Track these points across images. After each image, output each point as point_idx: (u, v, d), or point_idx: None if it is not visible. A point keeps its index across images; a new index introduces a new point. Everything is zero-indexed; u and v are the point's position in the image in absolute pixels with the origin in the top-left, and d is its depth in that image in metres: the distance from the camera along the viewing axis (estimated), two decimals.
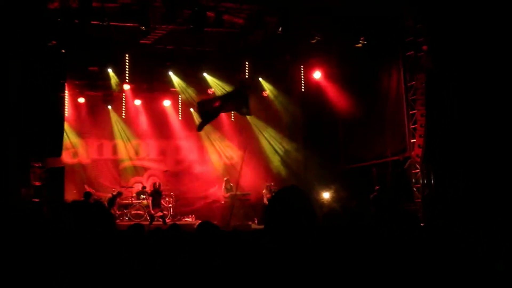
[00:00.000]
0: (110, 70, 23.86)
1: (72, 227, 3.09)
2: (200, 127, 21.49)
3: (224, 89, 24.98)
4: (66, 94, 22.98)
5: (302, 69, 25.44)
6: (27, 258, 3.36)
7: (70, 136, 25.12)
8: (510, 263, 4.52)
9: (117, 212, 23.45)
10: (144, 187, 24.99)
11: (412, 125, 20.75)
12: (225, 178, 25.28)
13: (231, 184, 25.04)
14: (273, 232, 3.43)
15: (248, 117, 26.82)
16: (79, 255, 3.05)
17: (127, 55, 23.47)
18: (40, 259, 3.20)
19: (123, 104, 26.10)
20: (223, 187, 25.04)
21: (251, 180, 25.65)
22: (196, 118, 25.86)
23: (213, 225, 5.86)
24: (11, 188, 18.01)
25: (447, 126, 18.37)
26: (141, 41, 22.31)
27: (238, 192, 23.73)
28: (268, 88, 26.27)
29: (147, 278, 4.58)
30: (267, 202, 22.12)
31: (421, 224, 6.40)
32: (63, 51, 20.19)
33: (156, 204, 22.81)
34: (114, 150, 26.80)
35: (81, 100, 25.30)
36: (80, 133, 25.94)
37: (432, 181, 19.60)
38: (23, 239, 3.73)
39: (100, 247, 3.09)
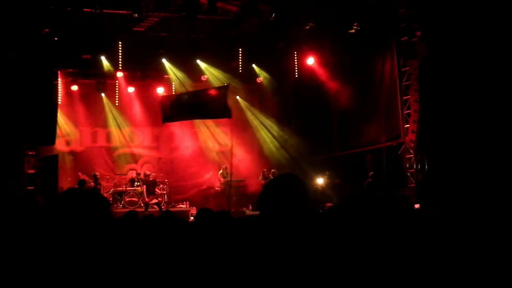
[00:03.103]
0: (103, 58, 23.79)
1: (68, 215, 3.09)
2: (165, 120, 21.10)
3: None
4: (59, 82, 22.94)
5: (295, 55, 25.41)
6: (22, 247, 3.37)
7: (63, 124, 25.09)
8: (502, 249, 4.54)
9: None
10: (138, 174, 24.98)
11: (406, 110, 20.79)
12: (224, 166, 25.35)
13: (228, 172, 25.11)
14: (268, 219, 3.44)
15: (242, 104, 26.89)
16: (74, 244, 3.05)
17: (120, 43, 23.40)
18: (35, 248, 3.21)
19: (116, 91, 26.04)
20: (220, 173, 25.11)
21: (245, 167, 25.71)
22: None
23: (213, 212, 5.88)
24: (4, 178, 18.03)
25: (440, 111, 18.39)
26: (134, 29, 22.24)
27: (232, 179, 23.73)
28: (261, 75, 26.25)
29: (143, 265, 4.59)
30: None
31: (415, 206, 6.43)
32: (55, 39, 20.14)
33: (151, 191, 22.87)
34: (108, 137, 26.79)
35: (74, 88, 25.21)
36: (74, 121, 25.90)
37: (426, 166, 19.65)
38: (17, 229, 3.74)
39: (97, 234, 3.09)
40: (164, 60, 24.96)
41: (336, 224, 4.16)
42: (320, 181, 23.30)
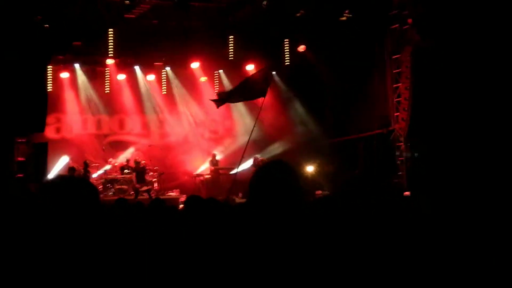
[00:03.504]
0: (94, 45, 23.64)
1: (57, 202, 3.07)
2: (217, 101, 20.64)
3: None
4: (50, 69, 22.83)
5: (287, 43, 25.32)
6: (12, 234, 3.35)
7: (53, 111, 24.94)
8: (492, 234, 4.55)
9: None
10: (127, 161, 24.90)
11: (396, 98, 20.81)
12: (213, 152, 25.40)
13: (217, 159, 25.14)
14: (256, 206, 3.41)
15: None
16: (64, 230, 3.03)
17: (111, 30, 23.23)
18: (25, 235, 3.18)
19: (107, 79, 25.90)
20: (209, 161, 25.12)
21: (235, 154, 25.70)
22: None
23: (202, 199, 5.85)
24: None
25: (432, 98, 18.41)
26: (126, 16, 22.10)
27: (233, 167, 23.75)
28: (253, 62, 26.13)
29: (132, 252, 4.58)
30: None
31: (405, 194, 6.43)
32: (46, 26, 20.02)
33: (141, 178, 22.85)
34: (98, 124, 26.66)
35: (65, 75, 25.08)
36: (64, 108, 25.76)
37: (416, 154, 19.71)
38: (8, 218, 3.72)
39: (85, 221, 3.07)
40: (155, 48, 24.84)
41: (328, 213, 4.14)
42: (310, 169, 23.31)
